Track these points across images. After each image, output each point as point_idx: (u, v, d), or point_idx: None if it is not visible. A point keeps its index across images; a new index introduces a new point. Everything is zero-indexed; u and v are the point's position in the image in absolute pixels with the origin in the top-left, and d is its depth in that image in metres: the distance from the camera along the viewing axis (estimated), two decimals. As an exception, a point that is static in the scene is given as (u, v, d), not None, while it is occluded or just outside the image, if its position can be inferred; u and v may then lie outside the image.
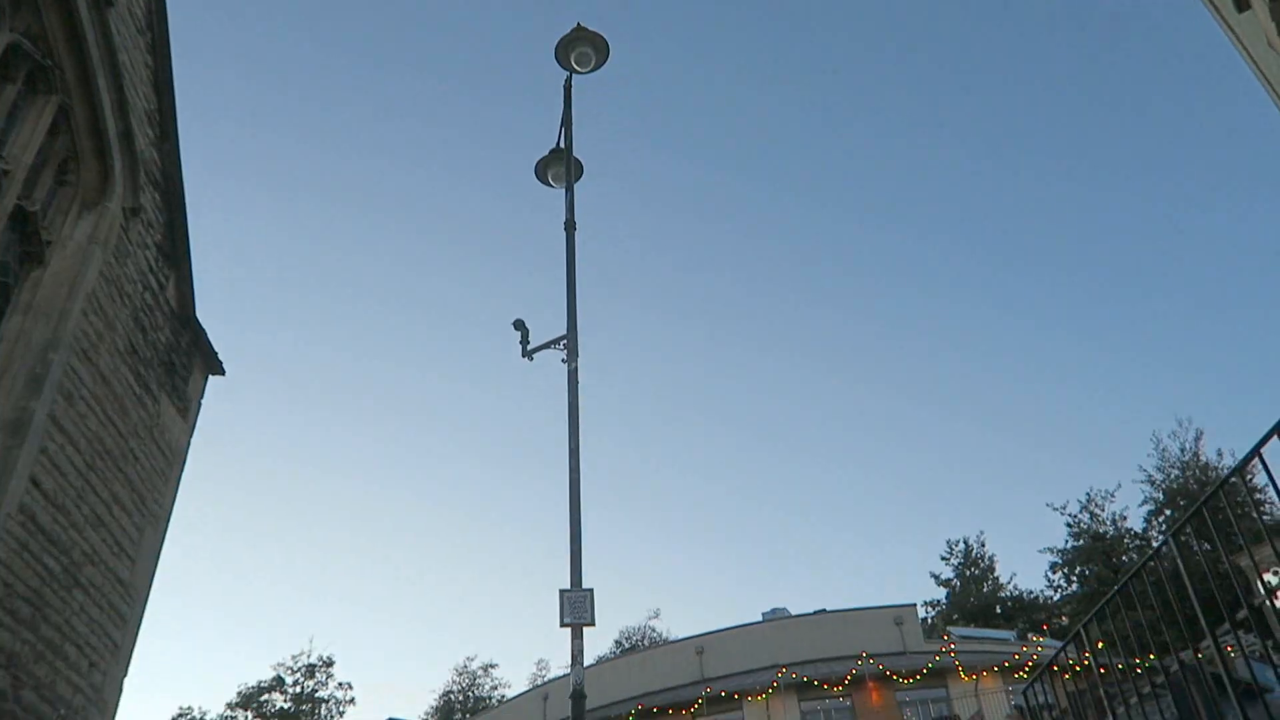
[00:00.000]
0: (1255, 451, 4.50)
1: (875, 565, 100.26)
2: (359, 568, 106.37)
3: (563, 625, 10.96)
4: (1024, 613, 45.26)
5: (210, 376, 9.22)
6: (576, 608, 11.01)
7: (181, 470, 8.42)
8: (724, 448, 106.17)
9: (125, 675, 7.32)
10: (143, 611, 7.60)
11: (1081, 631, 6.27)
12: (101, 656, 6.88)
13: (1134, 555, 39.50)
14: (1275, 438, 4.32)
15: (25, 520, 5.84)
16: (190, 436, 8.66)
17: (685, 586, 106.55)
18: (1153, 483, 42.59)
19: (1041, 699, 7.38)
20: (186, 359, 8.54)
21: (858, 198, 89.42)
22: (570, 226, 9.45)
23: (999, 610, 48.33)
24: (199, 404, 8.87)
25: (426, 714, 57.47)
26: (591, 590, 11.07)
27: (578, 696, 10.43)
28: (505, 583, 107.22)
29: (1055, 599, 45.06)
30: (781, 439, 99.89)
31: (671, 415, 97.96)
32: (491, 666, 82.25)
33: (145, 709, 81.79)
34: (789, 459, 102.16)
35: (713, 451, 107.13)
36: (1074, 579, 43.23)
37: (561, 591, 11.14)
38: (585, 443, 11.93)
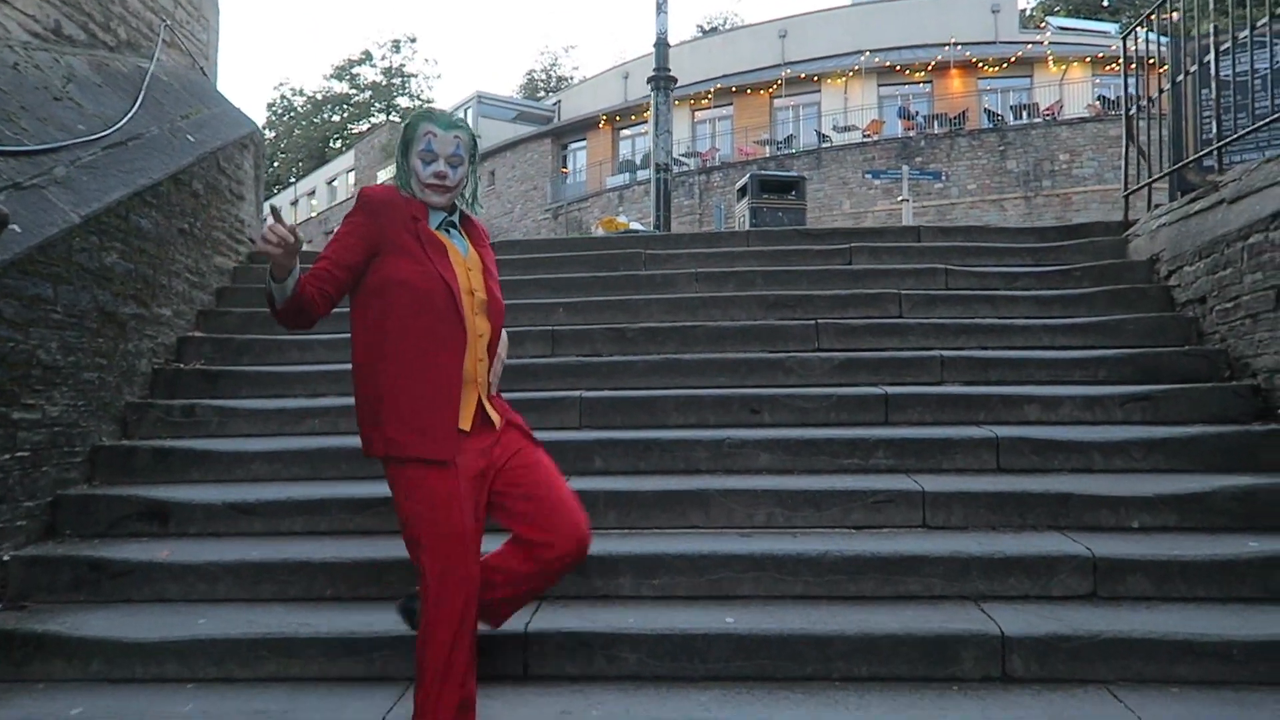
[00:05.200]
0: None
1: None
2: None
3: (647, -29, 10.64)
4: (1133, 6, 42.44)
5: None
6: (661, -48, 10.56)
7: None
8: None
9: (219, -5, 7.48)
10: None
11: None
12: (192, -26, 6.96)
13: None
14: None
15: None
16: None
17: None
18: None
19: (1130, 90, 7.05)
20: None
21: None
22: None
23: (1106, 2, 45.38)
24: None
25: (512, 91, 59.84)
26: (677, -64, 10.50)
27: (660, 44, 10.55)
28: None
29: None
30: None
31: None
32: (571, 47, 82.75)
33: (246, 82, 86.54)
34: None
35: None
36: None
37: (646, -65, 10.59)
38: None
